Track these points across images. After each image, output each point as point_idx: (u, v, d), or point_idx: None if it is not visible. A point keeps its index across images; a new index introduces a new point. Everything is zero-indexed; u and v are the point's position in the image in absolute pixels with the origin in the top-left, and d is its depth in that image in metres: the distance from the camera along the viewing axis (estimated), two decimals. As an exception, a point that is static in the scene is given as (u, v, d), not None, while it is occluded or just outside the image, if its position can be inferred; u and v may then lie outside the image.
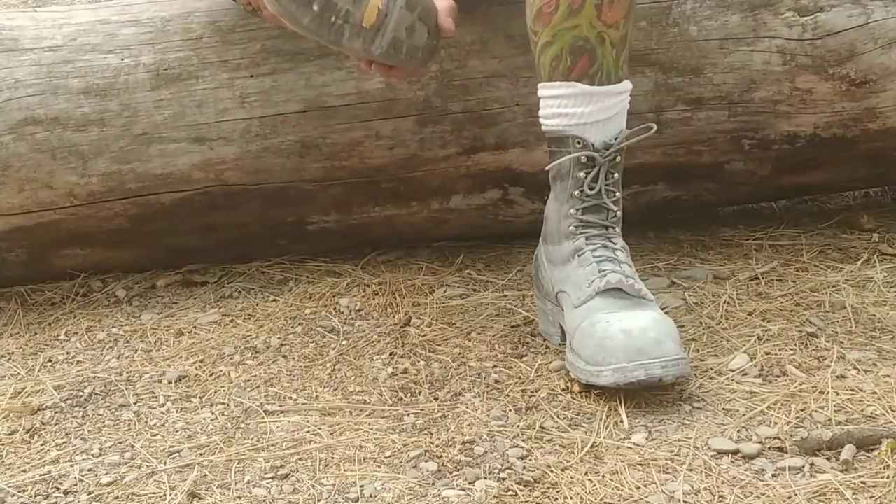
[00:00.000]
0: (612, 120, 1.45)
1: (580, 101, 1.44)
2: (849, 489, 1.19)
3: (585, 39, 1.42)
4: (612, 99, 1.44)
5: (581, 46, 1.42)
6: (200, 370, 1.52)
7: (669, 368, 1.33)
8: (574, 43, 1.42)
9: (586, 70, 1.43)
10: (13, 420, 1.43)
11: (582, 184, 1.46)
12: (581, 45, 1.42)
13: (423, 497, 1.21)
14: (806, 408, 1.34)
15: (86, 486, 1.27)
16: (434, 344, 1.54)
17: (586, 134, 1.44)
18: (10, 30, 1.74)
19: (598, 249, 1.45)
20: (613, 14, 1.42)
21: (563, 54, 1.43)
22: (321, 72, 1.69)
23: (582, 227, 1.46)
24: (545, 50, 1.44)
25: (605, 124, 1.45)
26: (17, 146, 1.68)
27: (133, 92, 1.69)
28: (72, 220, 1.72)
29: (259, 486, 1.25)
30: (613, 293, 1.41)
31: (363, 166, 1.72)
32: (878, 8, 1.70)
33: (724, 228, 1.86)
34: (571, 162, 1.46)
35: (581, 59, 1.43)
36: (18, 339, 1.66)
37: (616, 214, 1.47)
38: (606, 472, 1.24)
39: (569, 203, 1.47)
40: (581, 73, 1.43)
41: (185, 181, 1.71)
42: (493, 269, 1.76)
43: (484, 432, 1.33)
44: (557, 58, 1.43)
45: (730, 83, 1.71)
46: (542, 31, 1.43)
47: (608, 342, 1.35)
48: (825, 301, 1.60)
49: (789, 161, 1.77)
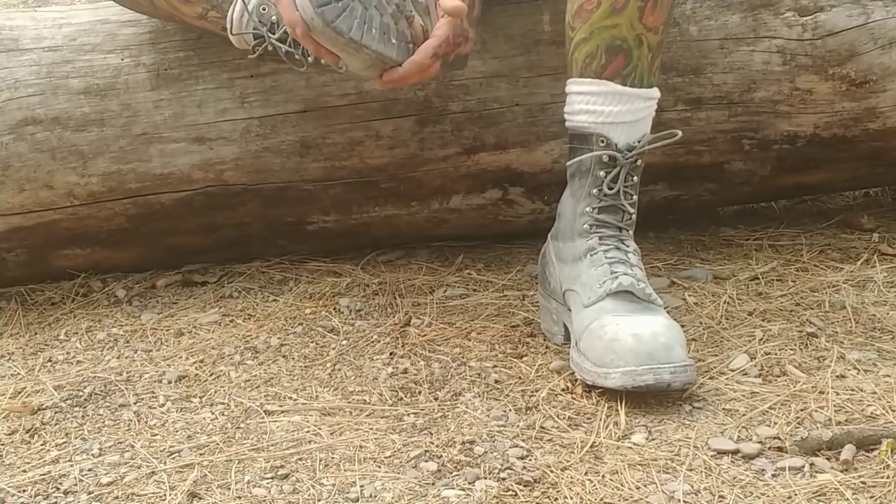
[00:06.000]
0: (638, 123, 1.45)
1: (610, 99, 1.43)
2: (849, 489, 1.19)
3: (623, 39, 1.42)
4: (641, 102, 1.44)
5: (618, 46, 1.42)
6: (200, 370, 1.52)
7: (678, 374, 1.33)
8: (611, 42, 1.42)
9: (620, 70, 1.43)
10: (13, 420, 1.43)
11: (601, 183, 1.45)
12: (618, 45, 1.42)
13: (423, 497, 1.21)
14: (806, 408, 1.34)
15: (86, 486, 1.27)
16: (434, 344, 1.54)
17: (611, 133, 1.44)
18: (10, 30, 1.74)
19: (611, 250, 1.45)
20: (655, 18, 1.42)
21: (598, 52, 1.43)
22: (321, 72, 1.69)
23: (597, 226, 1.46)
24: (580, 46, 1.44)
25: (630, 126, 1.44)
26: (17, 146, 1.68)
27: (133, 92, 1.69)
28: (72, 220, 1.73)
29: (259, 486, 1.25)
30: (624, 296, 1.41)
31: (363, 166, 1.72)
32: (878, 8, 1.70)
33: (724, 228, 1.86)
34: (593, 160, 1.45)
35: (616, 59, 1.42)
36: (18, 339, 1.66)
37: (631, 217, 1.47)
38: (606, 472, 1.24)
39: (585, 201, 1.47)
40: (614, 72, 1.43)
41: (185, 181, 1.71)
42: (493, 269, 1.76)
43: (484, 432, 1.33)
44: (592, 55, 1.43)
45: (730, 83, 1.71)
46: (581, 27, 1.43)
47: (617, 345, 1.35)
48: (825, 301, 1.60)
49: (789, 161, 1.77)
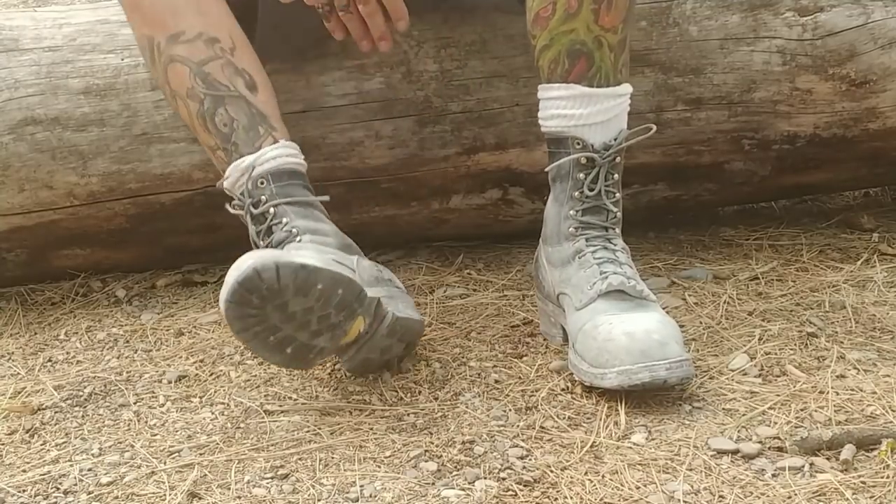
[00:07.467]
0: (612, 122, 1.45)
1: (579, 102, 1.44)
2: (849, 489, 1.19)
3: (582, 43, 1.42)
4: (611, 101, 1.44)
5: (578, 50, 1.42)
6: (200, 370, 1.52)
7: (674, 370, 1.33)
8: (571, 46, 1.42)
9: (584, 73, 1.43)
10: (13, 420, 1.43)
11: (582, 185, 1.46)
12: (578, 49, 1.42)
13: (423, 497, 1.21)
14: (806, 408, 1.34)
15: (86, 486, 1.27)
16: (434, 344, 1.54)
17: (585, 135, 1.44)
18: (10, 30, 1.74)
19: (598, 251, 1.45)
20: (611, 19, 1.42)
21: (560, 57, 1.43)
22: (321, 72, 1.69)
23: (582, 228, 1.46)
24: (543, 53, 1.45)
25: (604, 126, 1.45)
26: (17, 146, 1.68)
27: (133, 92, 1.69)
28: (72, 220, 1.73)
29: (259, 486, 1.25)
30: (615, 295, 1.41)
31: (363, 166, 1.72)
32: (878, 8, 1.70)
33: (724, 228, 1.86)
34: (571, 163, 1.46)
35: (578, 62, 1.43)
36: (18, 339, 1.66)
37: (616, 215, 1.47)
38: (606, 472, 1.24)
39: (568, 204, 1.47)
40: (579, 75, 1.43)
41: (185, 181, 1.71)
42: (493, 269, 1.76)
43: (484, 432, 1.32)
44: (555, 60, 1.44)
45: (730, 83, 1.71)
46: (540, 34, 1.44)
47: (611, 344, 1.35)
48: (825, 301, 1.60)
49: (789, 161, 1.77)
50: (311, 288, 1.29)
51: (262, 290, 1.26)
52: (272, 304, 1.28)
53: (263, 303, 1.28)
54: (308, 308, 1.31)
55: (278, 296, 1.27)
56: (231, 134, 1.47)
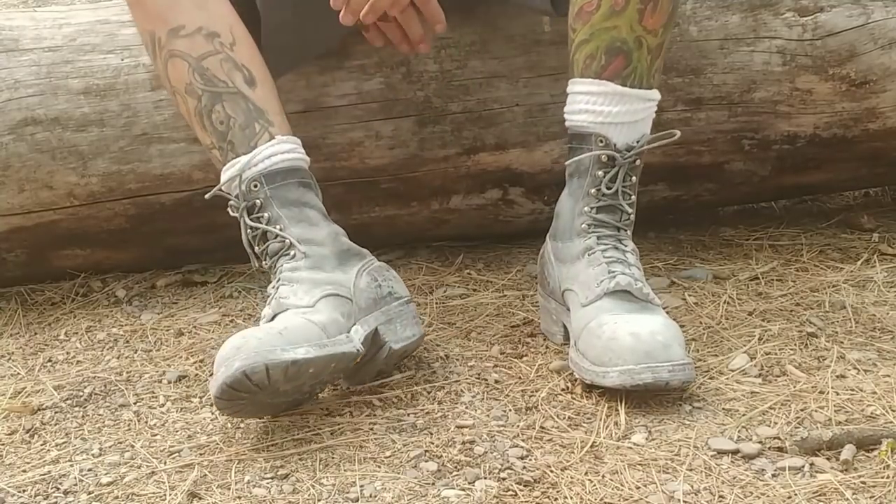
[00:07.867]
0: (638, 124, 1.45)
1: (609, 100, 1.43)
2: (849, 489, 1.19)
3: (623, 41, 1.42)
4: (640, 103, 1.44)
5: (618, 47, 1.42)
6: (200, 370, 1.52)
7: (676, 373, 1.33)
8: (611, 43, 1.42)
9: (620, 71, 1.43)
10: (13, 420, 1.42)
11: (599, 182, 1.45)
12: (618, 46, 1.42)
13: (423, 497, 1.21)
14: (806, 408, 1.34)
15: (86, 486, 1.27)
16: (434, 344, 1.54)
17: (610, 133, 1.44)
18: (10, 30, 1.74)
19: (608, 250, 1.45)
20: (655, 20, 1.42)
21: (598, 53, 1.43)
22: (321, 72, 1.69)
23: (595, 226, 1.46)
24: (581, 47, 1.44)
25: (630, 127, 1.44)
26: (17, 146, 1.68)
27: (133, 92, 1.69)
28: (72, 221, 1.73)
29: (259, 486, 1.25)
30: (621, 295, 1.41)
31: (363, 166, 1.72)
32: (878, 8, 1.70)
33: (724, 228, 1.86)
34: (592, 160, 1.45)
35: (616, 60, 1.43)
36: (18, 339, 1.66)
37: (630, 217, 1.47)
38: (606, 472, 1.24)
39: (584, 201, 1.47)
40: (614, 73, 1.43)
41: (185, 181, 1.71)
42: (493, 269, 1.76)
43: (484, 432, 1.32)
44: (592, 56, 1.43)
45: (730, 83, 1.71)
46: (581, 28, 1.44)
47: (615, 343, 1.35)
48: (825, 301, 1.60)
49: (789, 161, 1.77)
50: (302, 374, 1.31)
51: (251, 388, 1.28)
52: (263, 393, 1.30)
53: (254, 395, 1.29)
54: (299, 385, 1.33)
55: (269, 388, 1.29)
56: (227, 132, 1.46)
